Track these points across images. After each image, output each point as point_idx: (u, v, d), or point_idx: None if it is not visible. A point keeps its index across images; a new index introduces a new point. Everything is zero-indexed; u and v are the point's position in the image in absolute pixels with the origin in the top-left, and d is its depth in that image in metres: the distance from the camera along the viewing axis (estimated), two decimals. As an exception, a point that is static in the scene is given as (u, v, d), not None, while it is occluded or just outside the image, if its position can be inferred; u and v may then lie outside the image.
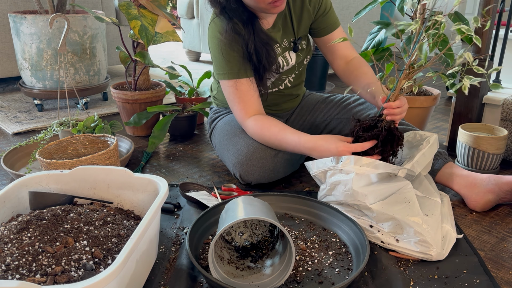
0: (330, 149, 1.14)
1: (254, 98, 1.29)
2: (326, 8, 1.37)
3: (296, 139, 1.22)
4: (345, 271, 0.95)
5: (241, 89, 1.28)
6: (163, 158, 1.60)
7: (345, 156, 1.09)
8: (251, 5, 1.21)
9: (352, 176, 1.06)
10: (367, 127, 1.14)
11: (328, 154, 1.14)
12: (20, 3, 2.37)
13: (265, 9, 1.20)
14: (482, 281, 0.92)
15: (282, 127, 1.25)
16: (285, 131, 1.24)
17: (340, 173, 1.09)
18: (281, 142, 1.24)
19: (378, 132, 1.11)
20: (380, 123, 1.12)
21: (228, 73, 1.28)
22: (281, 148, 1.27)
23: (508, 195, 1.20)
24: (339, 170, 1.09)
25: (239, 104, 1.29)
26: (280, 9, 1.19)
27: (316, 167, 1.16)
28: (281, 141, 1.24)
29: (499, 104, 1.53)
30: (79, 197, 1.03)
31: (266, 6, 1.18)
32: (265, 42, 1.26)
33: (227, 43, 1.26)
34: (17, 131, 1.85)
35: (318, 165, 1.15)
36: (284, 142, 1.24)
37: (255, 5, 1.19)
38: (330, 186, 1.12)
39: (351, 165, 1.07)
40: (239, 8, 1.24)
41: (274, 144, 1.26)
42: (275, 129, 1.25)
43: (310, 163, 1.18)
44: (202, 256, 0.99)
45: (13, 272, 0.73)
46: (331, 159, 1.11)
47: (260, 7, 1.19)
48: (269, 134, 1.25)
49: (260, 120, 1.28)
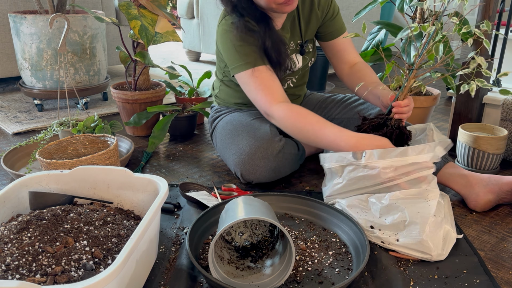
0: (379, 143, 1.11)
1: (277, 84, 1.24)
2: (334, 12, 1.38)
3: (337, 131, 1.14)
4: (345, 271, 0.95)
5: (262, 76, 1.23)
6: (163, 158, 1.60)
7: (368, 151, 1.07)
8: (262, 4, 1.20)
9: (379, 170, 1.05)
10: (376, 125, 1.15)
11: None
12: (20, 3, 2.37)
13: (276, 9, 1.19)
14: (482, 281, 0.92)
15: (321, 118, 1.19)
16: (325, 122, 1.18)
17: (363, 168, 1.07)
18: (318, 132, 1.16)
19: (391, 130, 1.13)
20: (389, 121, 1.14)
21: (243, 64, 1.24)
22: (312, 139, 1.19)
23: (508, 195, 1.20)
24: (362, 165, 1.07)
25: (263, 91, 1.22)
26: (292, 7, 1.18)
27: (335, 160, 1.12)
28: (318, 131, 1.16)
29: (499, 104, 1.53)
30: (79, 197, 1.03)
31: (277, 6, 1.17)
32: (281, 40, 1.25)
33: (240, 37, 1.24)
34: (17, 131, 1.85)
35: (336, 158, 1.12)
36: (322, 133, 1.16)
37: (266, 5, 1.18)
38: (348, 182, 1.11)
39: (375, 159, 1.06)
40: (252, 6, 1.23)
41: (308, 133, 1.18)
42: (313, 118, 1.18)
43: (328, 155, 1.15)
44: (202, 256, 0.99)
45: (13, 272, 0.73)
46: (352, 154, 1.09)
47: (271, 7, 1.18)
48: (305, 122, 1.18)
49: (296, 106, 1.21)
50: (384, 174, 1.05)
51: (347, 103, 1.47)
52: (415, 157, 1.04)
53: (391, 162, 1.05)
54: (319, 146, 1.20)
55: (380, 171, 1.05)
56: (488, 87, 1.03)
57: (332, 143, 1.15)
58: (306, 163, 1.51)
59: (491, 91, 1.59)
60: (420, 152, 1.05)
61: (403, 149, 1.05)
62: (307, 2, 1.34)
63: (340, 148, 1.13)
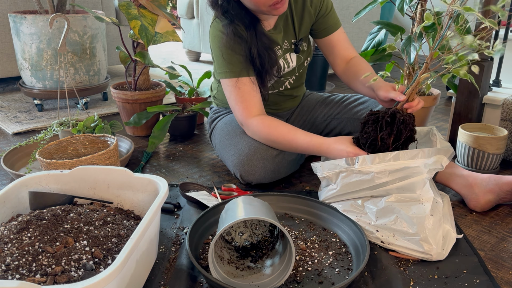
0: (342, 152, 1.15)
1: (256, 98, 1.29)
2: (327, 9, 1.37)
3: (308, 140, 1.22)
4: (345, 271, 0.95)
5: (243, 88, 1.27)
6: (163, 158, 1.60)
7: (360, 157, 1.08)
8: (252, 8, 1.21)
9: (373, 175, 1.05)
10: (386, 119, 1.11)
11: (341, 154, 1.15)
12: (20, 3, 2.37)
13: (267, 11, 1.19)
14: (482, 281, 0.92)
15: (291, 127, 1.25)
16: (295, 131, 1.24)
17: (357, 174, 1.08)
18: (291, 142, 1.24)
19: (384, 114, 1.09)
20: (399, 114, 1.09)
21: (229, 72, 1.27)
22: (287, 148, 1.26)
23: (508, 195, 1.20)
24: (356, 171, 1.08)
25: (242, 104, 1.28)
26: (282, 10, 1.19)
27: (327, 169, 1.14)
28: (290, 141, 1.23)
29: (499, 104, 1.53)
30: (79, 197, 1.03)
31: (267, 8, 1.17)
32: (267, 47, 1.26)
33: (228, 44, 1.25)
34: (17, 131, 1.85)
35: (328, 166, 1.14)
36: (294, 142, 1.23)
37: (257, 8, 1.19)
38: (342, 187, 1.11)
39: (368, 165, 1.06)
40: (241, 11, 1.23)
41: (282, 143, 1.25)
42: (284, 129, 1.24)
43: (318, 164, 1.17)
44: (202, 256, 0.99)
45: (13, 272, 0.73)
46: (345, 160, 1.10)
47: (261, 10, 1.19)
48: (277, 134, 1.24)
49: (267, 119, 1.27)
50: (378, 179, 1.05)
51: (347, 103, 1.46)
52: (407, 161, 1.04)
53: (385, 166, 1.05)
54: (293, 152, 1.30)
55: (374, 176, 1.05)
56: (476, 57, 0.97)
57: (305, 150, 1.24)
58: (306, 163, 1.51)
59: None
60: (413, 157, 1.04)
61: (395, 154, 1.05)
62: (299, 0, 1.34)
63: (313, 153, 1.24)
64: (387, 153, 1.06)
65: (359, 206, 1.09)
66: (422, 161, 1.04)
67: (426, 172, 1.03)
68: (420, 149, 1.05)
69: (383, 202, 1.05)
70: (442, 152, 1.06)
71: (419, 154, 1.05)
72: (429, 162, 1.04)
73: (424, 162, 1.04)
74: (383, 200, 1.06)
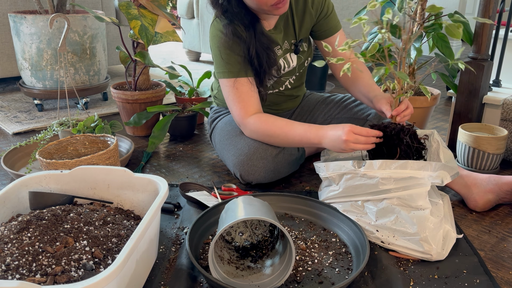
0: (338, 133, 1.13)
1: (254, 99, 1.29)
2: (328, 10, 1.37)
3: (305, 127, 1.22)
4: (345, 271, 0.95)
5: (241, 89, 1.27)
6: (163, 158, 1.60)
7: (368, 161, 1.07)
8: (253, 7, 1.21)
9: (377, 180, 1.05)
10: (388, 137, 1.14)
11: (337, 138, 1.13)
12: (20, 3, 2.37)
13: (268, 11, 1.19)
14: (482, 281, 0.92)
15: (288, 120, 1.26)
16: (292, 123, 1.24)
17: (362, 177, 1.07)
18: (288, 133, 1.23)
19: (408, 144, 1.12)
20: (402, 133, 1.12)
21: (227, 72, 1.27)
22: (285, 141, 1.26)
23: (508, 195, 1.20)
24: (361, 174, 1.07)
25: (239, 104, 1.28)
26: (283, 10, 1.19)
27: (331, 169, 1.14)
28: (288, 132, 1.23)
29: (499, 104, 1.53)
30: (79, 197, 1.03)
31: (268, 8, 1.17)
32: (266, 47, 1.26)
33: (227, 44, 1.25)
34: (17, 131, 1.85)
35: (333, 167, 1.13)
36: (292, 133, 1.23)
37: (258, 7, 1.19)
38: (345, 189, 1.11)
39: (374, 169, 1.05)
40: (241, 11, 1.23)
41: (280, 137, 1.25)
42: (281, 122, 1.25)
43: (323, 164, 1.16)
44: (202, 256, 0.99)
45: (13, 272, 0.73)
46: (351, 163, 1.09)
47: (262, 9, 1.19)
48: (275, 128, 1.24)
49: (263, 115, 1.28)
50: (382, 185, 1.05)
51: (346, 103, 1.47)
52: (414, 171, 1.03)
53: (390, 173, 1.04)
54: (291, 145, 1.28)
55: (379, 181, 1.05)
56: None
57: (303, 139, 1.23)
58: (306, 163, 1.51)
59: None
60: (421, 168, 1.04)
61: (404, 162, 1.04)
62: (300, 0, 1.34)
63: (310, 141, 1.21)
64: (395, 160, 1.05)
65: (359, 206, 1.09)
66: (428, 173, 1.03)
67: (429, 185, 1.03)
68: (428, 162, 1.04)
69: (383, 203, 1.05)
70: (447, 169, 1.04)
71: (426, 166, 1.04)
72: (433, 175, 1.04)
73: (429, 174, 1.04)
74: (383, 201, 1.05)
